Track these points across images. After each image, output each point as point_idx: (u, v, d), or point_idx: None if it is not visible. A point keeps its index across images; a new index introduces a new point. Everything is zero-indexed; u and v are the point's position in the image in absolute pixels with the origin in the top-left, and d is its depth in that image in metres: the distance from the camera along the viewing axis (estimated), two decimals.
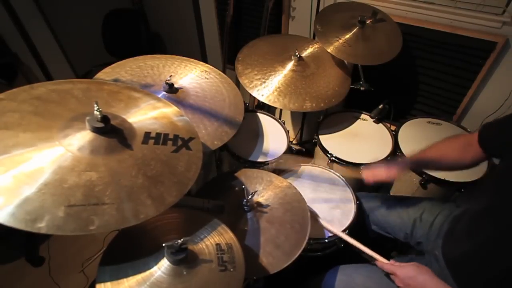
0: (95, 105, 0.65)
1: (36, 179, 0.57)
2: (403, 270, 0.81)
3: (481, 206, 0.78)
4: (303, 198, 1.01)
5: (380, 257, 0.89)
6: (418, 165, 0.92)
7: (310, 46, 1.47)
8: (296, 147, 1.62)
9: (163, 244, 0.64)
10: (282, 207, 0.98)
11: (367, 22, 1.37)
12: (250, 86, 1.28)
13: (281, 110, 1.75)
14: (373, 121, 1.46)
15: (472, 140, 0.83)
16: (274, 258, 0.85)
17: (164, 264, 0.65)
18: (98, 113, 0.65)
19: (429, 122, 1.42)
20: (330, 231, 1.02)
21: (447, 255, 0.83)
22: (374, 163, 1.01)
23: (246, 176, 1.08)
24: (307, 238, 0.90)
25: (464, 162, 0.87)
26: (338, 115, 1.50)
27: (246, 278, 0.72)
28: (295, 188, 1.04)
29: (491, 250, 0.72)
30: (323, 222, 1.03)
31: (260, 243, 0.88)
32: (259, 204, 0.97)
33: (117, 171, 0.64)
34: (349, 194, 1.16)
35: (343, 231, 1.03)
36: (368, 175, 0.98)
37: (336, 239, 1.03)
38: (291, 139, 1.49)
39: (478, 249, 0.74)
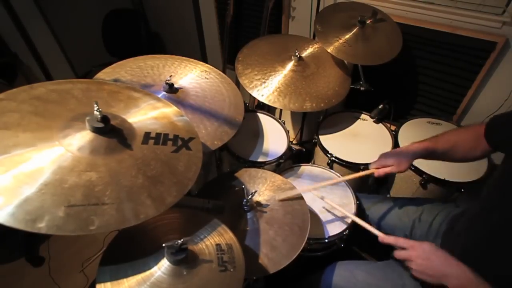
0: (95, 105, 0.65)
1: (36, 179, 0.56)
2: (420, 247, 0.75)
3: (479, 206, 0.78)
4: (305, 201, 1.00)
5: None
6: (428, 156, 0.90)
7: (310, 46, 1.47)
8: (296, 147, 1.62)
9: (163, 244, 0.64)
10: (283, 208, 0.97)
11: (367, 22, 1.37)
12: (250, 86, 1.28)
13: (281, 110, 1.75)
14: (373, 121, 1.46)
15: (481, 131, 0.83)
16: (269, 260, 0.84)
17: (164, 264, 0.65)
18: (98, 113, 0.65)
19: (429, 122, 1.42)
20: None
21: None
22: (384, 154, 0.99)
23: (246, 176, 1.08)
24: (305, 241, 0.89)
25: (474, 154, 0.86)
26: (338, 115, 1.50)
27: (246, 278, 0.72)
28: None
29: (485, 250, 0.72)
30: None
31: (260, 243, 0.88)
32: (259, 204, 0.97)
33: (117, 171, 0.64)
34: (349, 194, 1.16)
35: (343, 231, 1.04)
36: (378, 169, 0.95)
37: (336, 239, 1.03)
38: (291, 139, 1.49)
39: (474, 249, 0.74)
